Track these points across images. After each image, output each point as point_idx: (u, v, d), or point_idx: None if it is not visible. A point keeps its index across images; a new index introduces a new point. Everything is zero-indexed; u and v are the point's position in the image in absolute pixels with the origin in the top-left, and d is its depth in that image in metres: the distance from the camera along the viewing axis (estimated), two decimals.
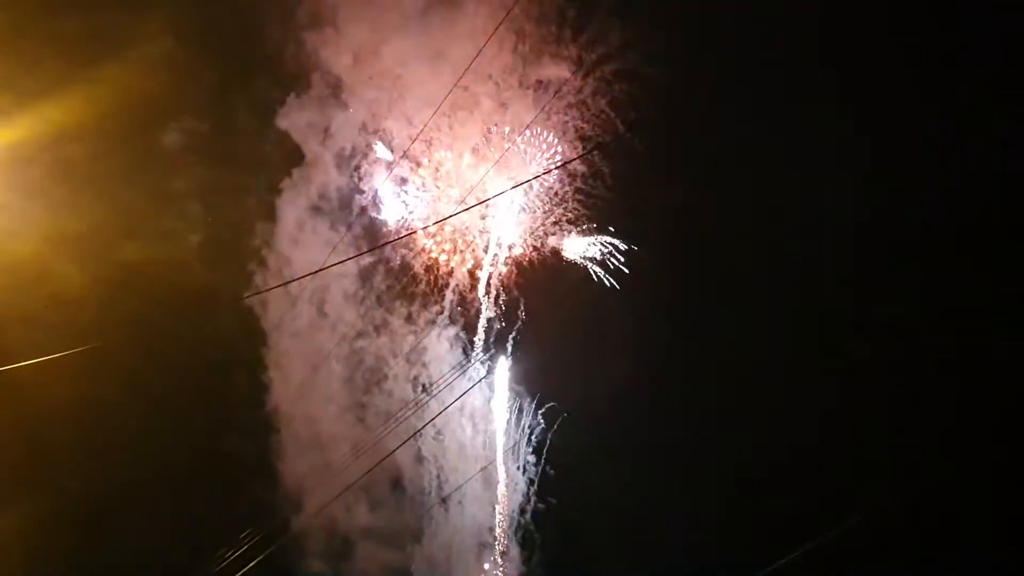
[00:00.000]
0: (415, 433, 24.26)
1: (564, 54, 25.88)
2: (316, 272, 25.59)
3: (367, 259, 28.31)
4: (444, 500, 25.02)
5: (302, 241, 28.42)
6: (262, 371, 25.99)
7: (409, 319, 27.71)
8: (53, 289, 18.83)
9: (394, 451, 23.61)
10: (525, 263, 26.05)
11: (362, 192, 27.75)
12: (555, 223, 25.71)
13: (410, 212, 27.69)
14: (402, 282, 27.54)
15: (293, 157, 28.09)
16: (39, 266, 18.61)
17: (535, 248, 25.96)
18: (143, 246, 20.96)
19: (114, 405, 20.31)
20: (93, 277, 19.48)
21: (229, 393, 23.68)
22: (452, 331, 27.00)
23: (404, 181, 27.55)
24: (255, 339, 25.38)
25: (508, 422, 25.50)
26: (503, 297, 26.34)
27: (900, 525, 18.13)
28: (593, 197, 25.21)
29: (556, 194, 25.70)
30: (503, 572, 24.30)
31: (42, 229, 18.59)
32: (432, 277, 27.29)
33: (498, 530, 24.51)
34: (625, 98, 24.84)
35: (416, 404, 26.51)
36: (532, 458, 24.81)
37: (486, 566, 24.40)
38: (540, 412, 25.21)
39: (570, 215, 25.68)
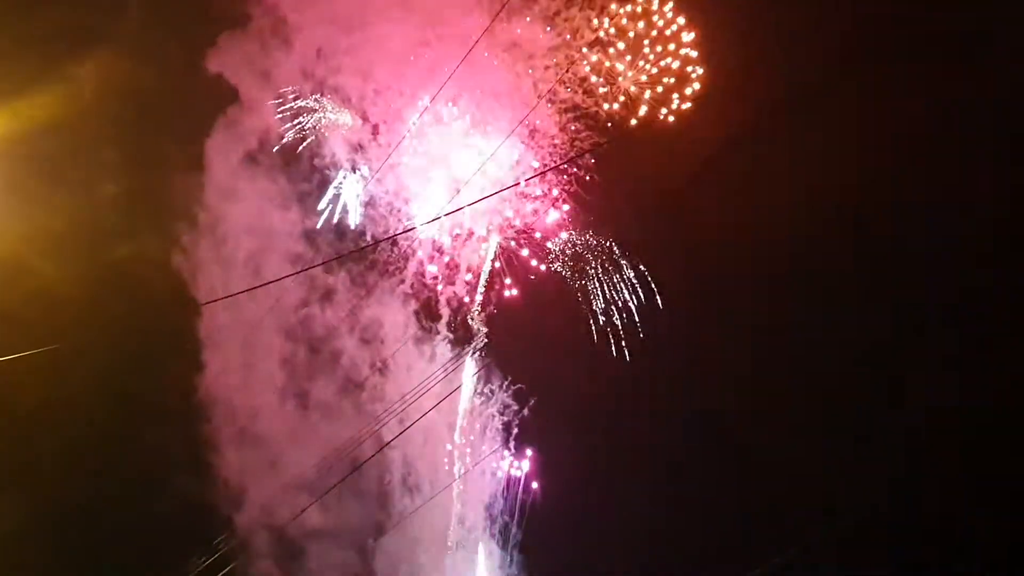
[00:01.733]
0: (395, 437, 22.33)
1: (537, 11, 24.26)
2: (297, 273, 22.86)
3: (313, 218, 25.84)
4: (409, 490, 23.47)
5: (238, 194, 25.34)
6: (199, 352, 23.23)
7: (363, 288, 25.51)
8: (30, 286, 18.34)
9: (372, 456, 21.86)
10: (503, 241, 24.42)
11: (318, 154, 25.02)
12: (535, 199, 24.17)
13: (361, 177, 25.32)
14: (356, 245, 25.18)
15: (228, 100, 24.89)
16: (15, 262, 18.18)
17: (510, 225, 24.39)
18: (121, 242, 20.59)
19: (84, 403, 19.74)
20: (70, 273, 19.00)
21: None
22: (413, 305, 25.19)
23: (360, 147, 25.06)
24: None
25: (475, 403, 24.11)
26: (472, 272, 24.74)
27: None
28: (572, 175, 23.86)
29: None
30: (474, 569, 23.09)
31: (17, 225, 18.27)
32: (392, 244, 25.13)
33: (465, 524, 23.23)
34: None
35: (376, 389, 24.72)
36: (505, 446, 23.61)
37: (455, 563, 23.10)
38: (509, 395, 23.99)
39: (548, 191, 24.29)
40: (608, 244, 22.97)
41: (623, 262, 22.62)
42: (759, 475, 19.98)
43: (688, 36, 22.23)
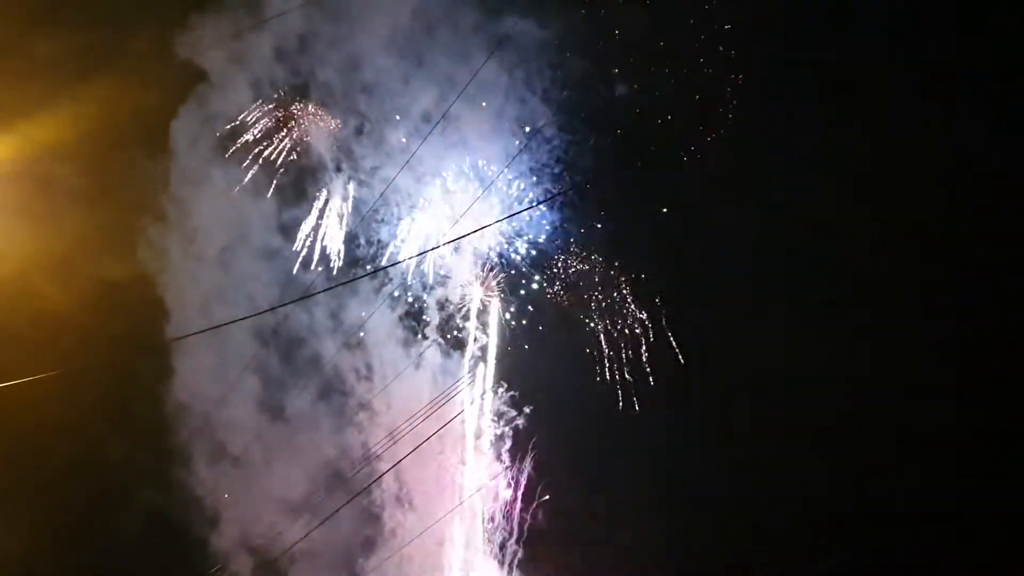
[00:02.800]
0: (396, 464, 21.16)
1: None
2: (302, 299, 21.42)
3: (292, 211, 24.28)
4: (401, 504, 22.42)
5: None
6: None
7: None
8: (36, 308, 18.42)
9: (373, 482, 20.75)
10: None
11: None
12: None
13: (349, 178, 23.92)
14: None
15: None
16: (21, 285, 18.14)
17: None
18: (126, 264, 20.61)
19: (93, 426, 19.93)
20: (76, 296, 18.88)
21: None
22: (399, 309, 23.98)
23: (347, 148, 23.68)
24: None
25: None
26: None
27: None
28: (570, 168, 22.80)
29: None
30: None
31: (24, 248, 18.30)
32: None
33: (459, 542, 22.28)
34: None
35: (360, 397, 23.55)
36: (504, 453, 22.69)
37: None
38: (505, 402, 23.06)
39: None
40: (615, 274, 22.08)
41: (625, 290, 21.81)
42: (766, 496, 19.73)
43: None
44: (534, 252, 22.82)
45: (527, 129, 22.67)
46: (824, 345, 19.82)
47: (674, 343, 20.53)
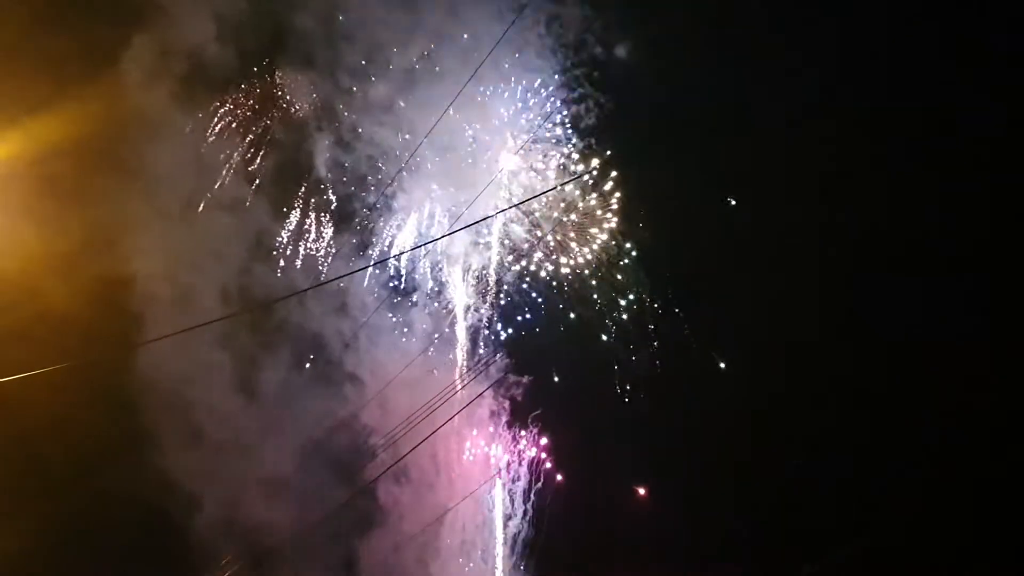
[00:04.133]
0: (400, 458, 19.93)
1: None
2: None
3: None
4: (396, 479, 21.51)
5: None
6: None
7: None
8: (40, 305, 18.29)
9: (378, 476, 19.85)
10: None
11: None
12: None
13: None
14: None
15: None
16: (26, 282, 18.05)
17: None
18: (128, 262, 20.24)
19: (98, 422, 19.55)
20: (79, 293, 18.75)
21: None
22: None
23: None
24: None
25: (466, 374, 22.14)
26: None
27: None
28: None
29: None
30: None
31: (28, 245, 18.17)
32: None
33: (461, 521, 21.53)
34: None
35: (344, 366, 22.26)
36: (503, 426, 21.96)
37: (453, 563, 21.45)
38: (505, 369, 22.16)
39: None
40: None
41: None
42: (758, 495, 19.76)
43: None
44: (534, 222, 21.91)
45: (530, 84, 21.35)
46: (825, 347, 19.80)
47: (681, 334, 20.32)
